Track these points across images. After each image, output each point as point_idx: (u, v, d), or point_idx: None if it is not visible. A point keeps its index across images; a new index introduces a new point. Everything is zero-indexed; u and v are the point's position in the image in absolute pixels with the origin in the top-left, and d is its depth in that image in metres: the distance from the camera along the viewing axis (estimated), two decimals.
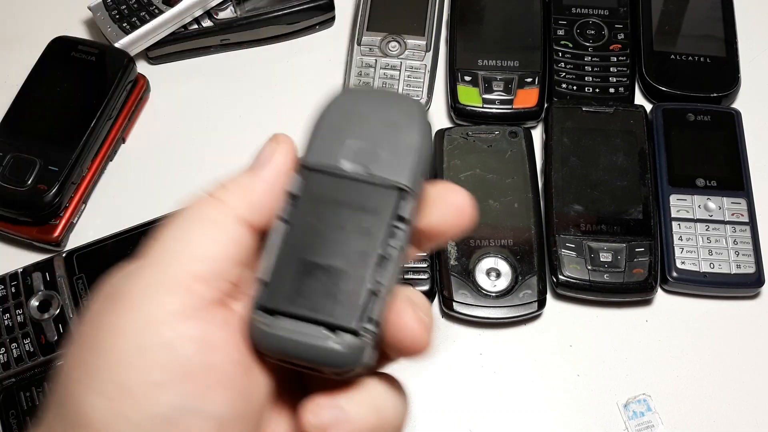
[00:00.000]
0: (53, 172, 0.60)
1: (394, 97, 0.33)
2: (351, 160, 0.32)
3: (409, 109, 0.32)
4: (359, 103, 0.33)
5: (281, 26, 0.70)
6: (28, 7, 0.74)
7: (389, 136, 0.32)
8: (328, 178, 0.32)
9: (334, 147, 0.32)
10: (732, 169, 0.61)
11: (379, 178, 0.31)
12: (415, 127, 0.32)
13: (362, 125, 0.32)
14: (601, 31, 0.68)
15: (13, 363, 0.54)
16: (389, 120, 0.32)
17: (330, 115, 0.33)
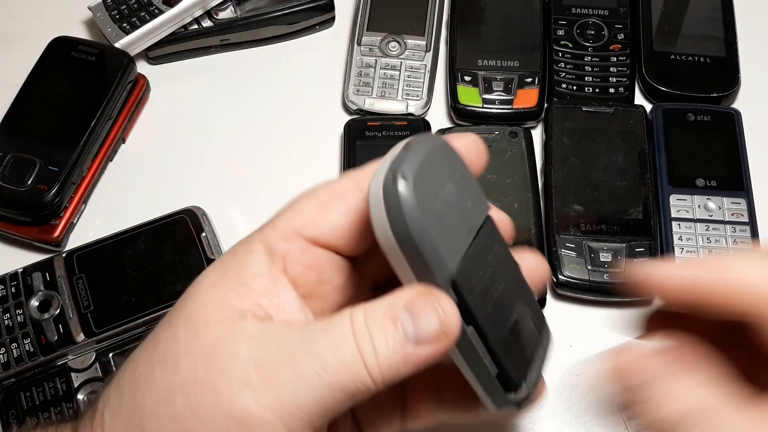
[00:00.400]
0: (53, 172, 0.60)
1: (433, 150, 0.31)
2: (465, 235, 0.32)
3: (448, 150, 0.32)
4: (425, 185, 0.30)
5: (281, 26, 0.70)
6: (28, 7, 0.75)
7: (461, 188, 0.32)
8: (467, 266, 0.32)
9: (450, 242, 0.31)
10: (732, 169, 0.61)
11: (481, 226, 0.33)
12: (462, 163, 0.33)
13: (444, 201, 0.31)
14: (601, 31, 0.68)
15: (13, 363, 0.54)
16: (450, 174, 0.32)
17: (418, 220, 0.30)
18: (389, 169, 0.30)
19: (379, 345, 0.29)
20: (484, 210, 0.34)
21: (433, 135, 0.33)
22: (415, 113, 0.65)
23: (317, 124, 0.67)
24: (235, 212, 0.63)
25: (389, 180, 0.29)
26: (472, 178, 0.33)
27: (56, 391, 0.53)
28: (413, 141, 0.31)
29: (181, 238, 0.59)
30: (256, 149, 0.66)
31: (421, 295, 0.30)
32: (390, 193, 0.29)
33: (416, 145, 0.31)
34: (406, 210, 0.29)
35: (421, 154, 0.30)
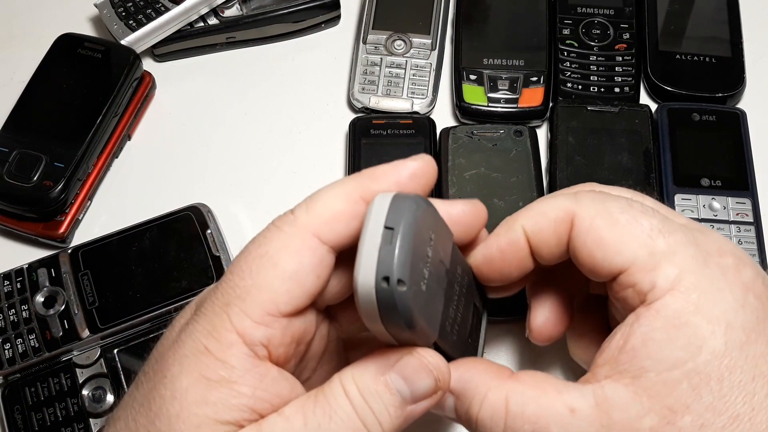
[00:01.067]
0: (59, 169, 0.60)
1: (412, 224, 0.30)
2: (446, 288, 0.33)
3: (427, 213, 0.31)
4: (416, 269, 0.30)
5: (287, 24, 0.70)
6: (35, 4, 0.75)
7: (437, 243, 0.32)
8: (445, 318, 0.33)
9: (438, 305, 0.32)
10: (737, 169, 0.61)
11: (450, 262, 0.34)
12: (434, 213, 0.32)
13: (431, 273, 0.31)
14: (606, 31, 0.68)
15: (18, 358, 0.54)
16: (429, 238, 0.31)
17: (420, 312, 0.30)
18: (378, 268, 0.29)
19: (382, 417, 0.30)
20: (449, 243, 0.33)
21: (411, 200, 0.30)
22: (420, 112, 0.65)
23: (322, 122, 0.67)
24: (240, 209, 0.63)
25: (382, 286, 0.29)
26: (439, 221, 0.33)
27: (61, 387, 0.54)
28: (395, 221, 0.29)
29: (187, 235, 0.59)
30: (261, 147, 0.66)
31: (408, 357, 0.31)
32: (385, 300, 0.29)
33: (401, 230, 0.29)
34: (403, 313, 0.29)
35: (408, 242, 0.29)
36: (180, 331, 0.32)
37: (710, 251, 0.33)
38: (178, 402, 0.30)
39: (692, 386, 0.29)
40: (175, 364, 0.31)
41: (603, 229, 0.33)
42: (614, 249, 0.33)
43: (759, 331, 0.31)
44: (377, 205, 0.30)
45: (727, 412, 0.29)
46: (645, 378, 0.30)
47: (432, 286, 0.31)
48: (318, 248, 0.32)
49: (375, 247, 0.29)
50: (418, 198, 0.31)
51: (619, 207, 0.34)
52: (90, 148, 0.61)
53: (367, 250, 0.29)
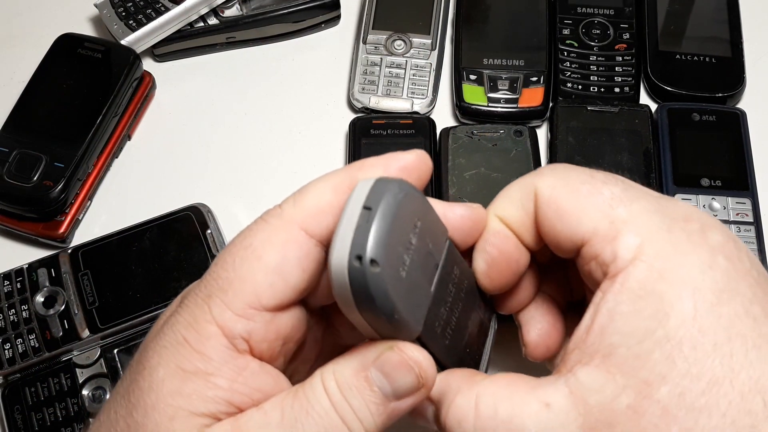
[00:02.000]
0: (59, 169, 0.60)
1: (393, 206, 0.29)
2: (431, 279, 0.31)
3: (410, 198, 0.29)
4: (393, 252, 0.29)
5: (287, 24, 0.70)
6: (35, 4, 0.75)
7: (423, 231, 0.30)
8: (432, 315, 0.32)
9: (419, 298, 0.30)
10: (737, 169, 0.61)
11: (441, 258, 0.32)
12: (420, 199, 0.31)
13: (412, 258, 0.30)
14: (606, 31, 0.68)
15: (18, 358, 0.54)
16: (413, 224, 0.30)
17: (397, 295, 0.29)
18: (352, 247, 0.27)
19: (362, 414, 0.29)
20: (444, 239, 0.32)
21: (394, 183, 0.29)
22: (420, 112, 0.65)
23: (322, 122, 0.67)
24: (240, 209, 0.63)
25: (354, 265, 0.27)
26: (429, 212, 0.31)
27: (61, 387, 0.54)
28: (374, 201, 0.28)
29: (187, 235, 0.59)
30: (261, 147, 0.66)
31: (389, 352, 0.30)
32: (357, 281, 0.27)
33: (380, 209, 0.28)
34: (376, 296, 0.28)
35: (386, 222, 0.28)
36: (163, 323, 0.32)
37: (675, 217, 0.31)
38: (155, 393, 0.30)
39: (665, 355, 0.28)
40: (155, 355, 0.30)
41: (562, 198, 0.32)
42: (574, 219, 0.31)
43: (731, 290, 0.29)
44: (359, 187, 0.29)
45: (705, 377, 0.27)
46: (615, 355, 0.29)
47: (414, 276, 0.29)
48: (304, 241, 0.31)
49: (351, 227, 0.28)
50: (402, 182, 0.29)
51: (579, 177, 0.32)
52: (90, 148, 0.61)
53: (343, 230, 0.28)
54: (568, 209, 0.32)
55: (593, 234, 0.31)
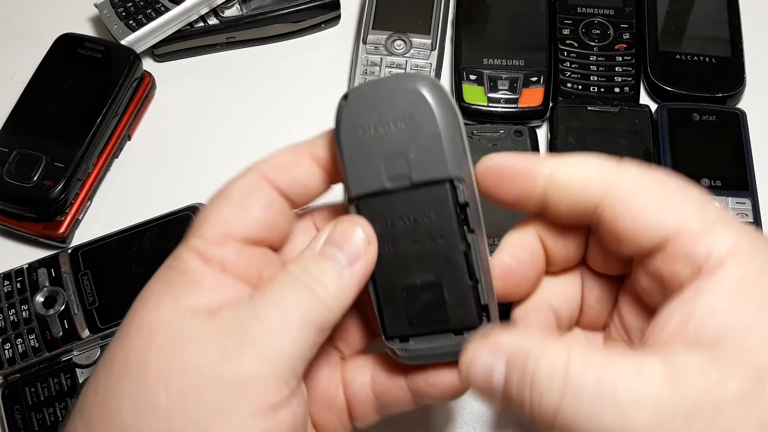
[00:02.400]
0: (59, 169, 0.60)
1: (397, 87, 0.33)
2: (391, 177, 0.33)
3: (414, 95, 0.32)
4: (368, 111, 0.33)
5: (287, 24, 0.70)
6: (35, 4, 0.75)
7: (410, 134, 0.33)
8: (381, 202, 0.34)
9: (370, 169, 0.33)
10: (737, 169, 0.61)
11: (422, 182, 0.33)
12: (429, 112, 0.32)
13: (381, 135, 0.33)
14: (606, 31, 0.68)
15: (18, 358, 0.54)
16: (402, 116, 0.33)
17: (348, 135, 0.34)
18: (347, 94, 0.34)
19: (326, 280, 0.32)
20: (439, 172, 0.33)
21: (430, 78, 0.33)
22: None
23: (322, 122, 0.67)
24: None
25: (343, 96, 0.34)
26: (440, 138, 0.33)
27: (61, 387, 0.54)
28: (401, 75, 0.33)
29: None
30: (261, 147, 0.66)
31: (336, 225, 0.34)
32: (338, 105, 0.34)
33: (398, 77, 0.33)
34: (337, 120, 0.33)
35: (389, 86, 0.32)
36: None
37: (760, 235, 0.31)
38: (141, 298, 0.33)
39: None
40: (146, 288, 0.34)
41: (651, 191, 0.31)
42: (662, 213, 0.30)
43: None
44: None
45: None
46: (722, 347, 0.28)
47: (373, 149, 0.33)
48: (266, 188, 0.35)
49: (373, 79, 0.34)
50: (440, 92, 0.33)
51: (664, 175, 0.32)
52: (90, 148, 0.61)
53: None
54: (657, 203, 0.31)
55: (681, 230, 0.30)
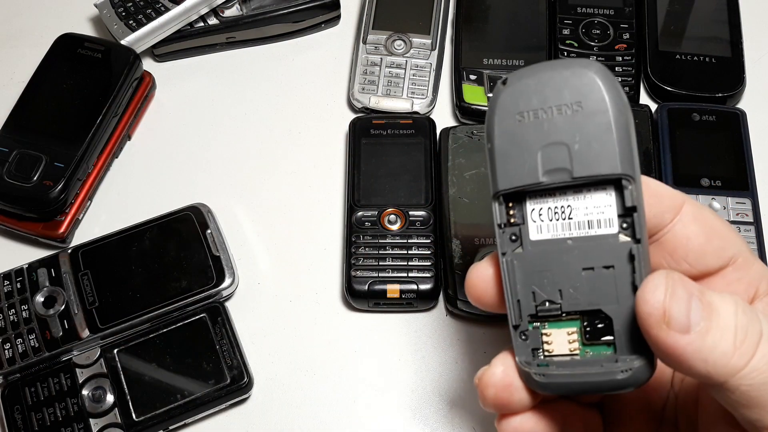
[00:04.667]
0: (59, 169, 0.60)
1: (565, 71, 0.29)
2: (548, 171, 0.30)
3: (586, 78, 0.29)
4: (530, 95, 0.29)
5: (287, 24, 0.70)
6: (35, 4, 0.75)
7: (576, 122, 0.29)
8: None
9: (524, 160, 0.30)
10: (737, 169, 0.61)
11: (586, 178, 0.29)
12: (601, 100, 0.29)
13: (542, 122, 0.29)
14: (606, 31, 0.68)
15: (18, 358, 0.54)
16: (570, 101, 0.29)
17: (503, 121, 0.30)
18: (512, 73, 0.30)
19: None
20: (607, 167, 0.29)
21: (601, 65, 0.29)
22: (420, 112, 0.65)
23: (322, 122, 0.67)
24: (239, 209, 0.63)
25: (499, 81, 0.30)
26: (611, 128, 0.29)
27: (61, 387, 0.54)
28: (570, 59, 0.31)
29: (186, 234, 0.59)
30: (261, 147, 0.66)
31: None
32: (495, 88, 0.31)
33: (566, 61, 0.29)
34: (492, 106, 0.30)
35: (556, 69, 0.29)
36: None
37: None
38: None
39: None
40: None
41: (714, 220, 0.34)
42: (728, 238, 0.33)
43: None
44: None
45: None
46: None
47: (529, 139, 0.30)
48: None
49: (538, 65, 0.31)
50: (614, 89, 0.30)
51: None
52: (90, 148, 0.61)
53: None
54: (720, 230, 0.33)
55: (740, 255, 0.33)
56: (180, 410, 0.53)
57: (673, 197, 0.33)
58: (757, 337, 0.28)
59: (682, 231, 0.33)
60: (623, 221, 0.30)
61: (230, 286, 0.57)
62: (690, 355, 0.28)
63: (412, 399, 0.56)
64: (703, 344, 0.28)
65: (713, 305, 0.28)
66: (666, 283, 0.28)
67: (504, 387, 0.33)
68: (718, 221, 0.34)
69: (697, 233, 0.33)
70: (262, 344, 0.58)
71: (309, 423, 0.55)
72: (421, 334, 0.58)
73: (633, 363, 0.30)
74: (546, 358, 0.31)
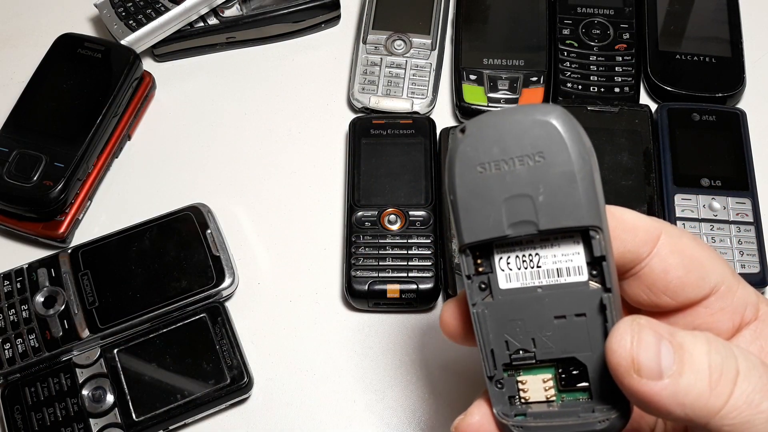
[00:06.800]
0: (59, 169, 0.60)
1: (524, 119, 0.28)
2: (513, 223, 0.29)
3: (547, 128, 0.28)
4: (489, 145, 0.28)
5: (287, 24, 0.70)
6: (35, 4, 0.75)
7: (539, 173, 0.28)
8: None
9: (488, 213, 0.29)
10: (737, 169, 0.61)
11: (552, 230, 0.29)
12: (563, 148, 0.28)
13: (504, 174, 0.28)
14: (606, 31, 0.68)
15: (18, 358, 0.54)
16: (531, 152, 0.28)
17: (464, 174, 0.29)
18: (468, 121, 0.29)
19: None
20: (572, 219, 0.29)
21: (562, 109, 0.28)
22: (420, 111, 0.65)
23: (322, 122, 0.67)
24: (239, 209, 0.63)
25: (456, 129, 0.29)
26: (575, 178, 0.28)
27: (61, 387, 0.54)
28: (529, 106, 0.28)
29: (186, 234, 0.59)
30: (261, 147, 0.66)
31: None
32: (452, 137, 0.30)
33: (525, 109, 0.28)
34: (451, 157, 0.29)
35: (514, 118, 0.28)
36: None
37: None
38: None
39: None
40: None
41: (694, 248, 0.33)
42: (708, 267, 0.33)
43: None
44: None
45: None
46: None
47: (492, 191, 0.29)
48: None
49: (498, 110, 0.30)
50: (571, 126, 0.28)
51: (691, 234, 0.34)
52: (90, 148, 0.61)
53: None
54: (701, 259, 0.33)
55: (722, 283, 0.33)
56: (180, 410, 0.53)
57: (649, 230, 0.32)
58: (733, 375, 0.27)
59: (659, 264, 0.32)
60: (592, 269, 0.30)
61: (230, 286, 0.57)
62: (666, 400, 0.27)
63: (411, 399, 0.56)
64: (677, 388, 0.27)
65: (684, 346, 0.28)
66: (632, 330, 0.28)
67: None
68: (697, 249, 0.33)
69: (676, 265, 0.32)
70: (262, 344, 0.58)
71: (309, 423, 0.55)
72: (421, 334, 0.58)
73: (610, 413, 0.30)
74: (523, 406, 0.31)
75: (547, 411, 0.31)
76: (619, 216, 0.32)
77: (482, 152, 0.28)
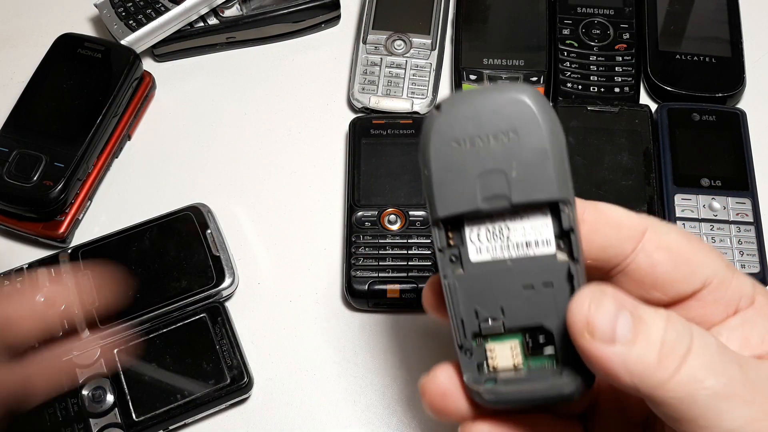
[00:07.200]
0: (59, 169, 0.60)
1: (499, 97, 0.29)
2: (487, 197, 0.30)
3: (520, 105, 0.29)
4: (464, 122, 0.29)
5: (287, 24, 0.70)
6: (35, 4, 0.75)
7: (512, 149, 0.29)
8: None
9: (462, 187, 0.30)
10: (737, 169, 0.61)
11: (524, 203, 0.30)
12: (535, 126, 0.29)
13: (479, 150, 0.29)
14: (606, 31, 0.68)
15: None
16: (505, 128, 0.29)
17: (439, 149, 0.30)
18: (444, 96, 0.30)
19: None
20: (544, 192, 0.30)
21: (534, 89, 0.30)
22: (420, 112, 0.65)
23: (322, 122, 0.67)
24: (239, 209, 0.63)
25: (432, 106, 0.30)
26: (547, 154, 0.29)
27: (60, 387, 0.53)
28: (503, 85, 0.29)
29: (186, 234, 0.59)
30: (261, 147, 0.66)
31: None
32: (427, 116, 0.30)
33: (499, 87, 0.29)
34: (426, 133, 0.30)
35: (489, 96, 0.29)
36: None
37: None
38: None
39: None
40: None
41: (682, 244, 0.33)
42: (698, 262, 0.33)
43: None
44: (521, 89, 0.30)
45: None
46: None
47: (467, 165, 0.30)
48: None
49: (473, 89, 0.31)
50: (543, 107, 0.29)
51: (679, 228, 0.35)
52: (90, 148, 0.61)
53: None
54: (691, 253, 0.33)
55: (715, 276, 0.32)
56: (180, 410, 0.53)
57: (633, 226, 0.32)
58: (683, 351, 0.28)
59: (646, 260, 0.33)
60: (560, 241, 0.31)
61: (230, 286, 0.57)
62: (616, 366, 0.28)
63: (412, 399, 0.56)
64: (628, 356, 0.28)
65: (643, 318, 0.29)
66: (592, 294, 0.29)
67: (441, 394, 0.34)
68: (686, 244, 0.33)
69: (663, 261, 0.32)
70: (262, 344, 0.58)
71: (309, 423, 0.55)
72: (422, 334, 0.58)
73: (576, 378, 0.31)
74: (491, 372, 0.32)
75: (515, 377, 0.32)
76: (604, 211, 0.33)
77: (457, 128, 0.29)
